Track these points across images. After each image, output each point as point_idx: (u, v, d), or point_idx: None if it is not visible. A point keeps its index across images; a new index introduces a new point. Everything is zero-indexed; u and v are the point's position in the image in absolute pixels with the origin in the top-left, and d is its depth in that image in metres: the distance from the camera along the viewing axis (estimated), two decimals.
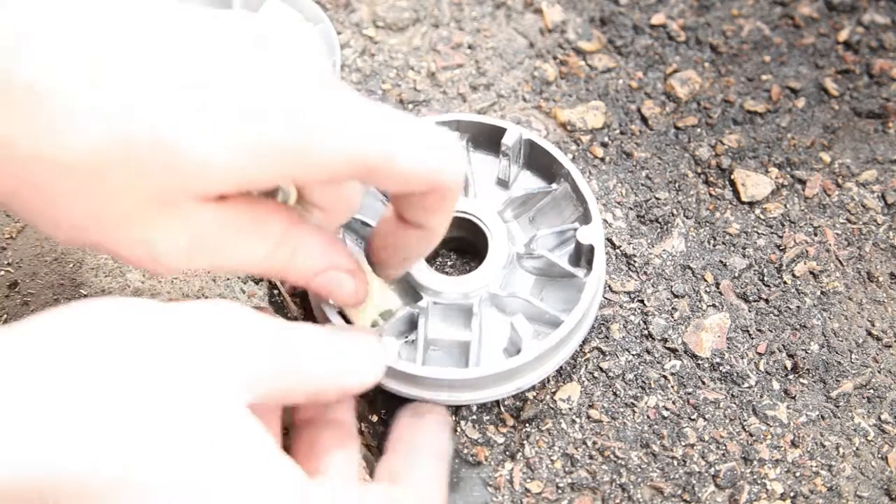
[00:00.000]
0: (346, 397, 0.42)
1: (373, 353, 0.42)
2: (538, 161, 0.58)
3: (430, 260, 0.58)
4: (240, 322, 0.37)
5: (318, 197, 0.44)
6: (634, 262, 0.59)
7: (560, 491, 0.52)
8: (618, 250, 0.60)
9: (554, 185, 0.57)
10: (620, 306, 0.58)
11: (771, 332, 0.57)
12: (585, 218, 0.55)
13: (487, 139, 0.58)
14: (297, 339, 0.39)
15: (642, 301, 0.58)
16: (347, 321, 0.50)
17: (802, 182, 0.63)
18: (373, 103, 0.39)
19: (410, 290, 0.54)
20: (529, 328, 0.51)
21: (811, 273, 0.59)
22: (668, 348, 0.56)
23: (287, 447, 0.41)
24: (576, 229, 0.54)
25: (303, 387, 0.38)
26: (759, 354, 0.56)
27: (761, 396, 0.55)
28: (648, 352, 0.56)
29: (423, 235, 0.45)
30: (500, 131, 0.57)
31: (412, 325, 0.54)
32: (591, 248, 0.53)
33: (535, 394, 0.55)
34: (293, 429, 0.44)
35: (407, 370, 0.50)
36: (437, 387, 0.51)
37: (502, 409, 0.54)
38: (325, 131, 0.36)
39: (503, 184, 0.59)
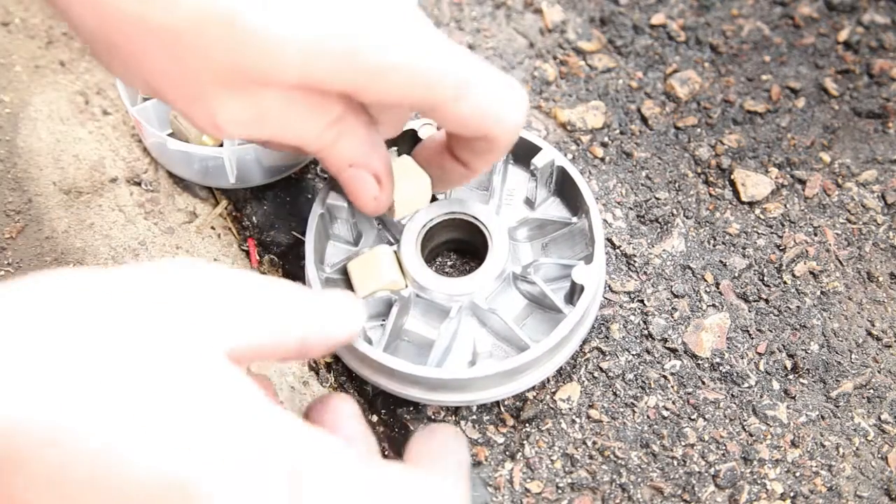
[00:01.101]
0: (334, 348, 0.39)
1: (352, 303, 0.40)
2: (567, 191, 0.57)
3: (431, 259, 0.58)
4: (216, 275, 0.35)
5: (372, 109, 0.45)
6: (634, 262, 0.59)
7: (560, 491, 0.52)
8: (618, 250, 0.60)
9: (575, 219, 0.56)
10: (620, 306, 0.58)
11: (771, 332, 0.57)
12: (590, 259, 0.54)
13: (526, 156, 0.57)
14: (276, 289, 0.37)
15: (642, 301, 0.58)
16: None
17: (802, 182, 0.63)
18: (450, 43, 0.40)
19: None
20: (488, 346, 0.51)
21: (811, 273, 0.59)
22: (668, 348, 0.56)
23: None
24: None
25: (288, 337, 0.36)
26: (759, 354, 0.56)
27: (761, 396, 0.55)
28: (648, 352, 0.56)
29: (463, 171, 0.48)
30: (536, 150, 0.56)
31: (390, 309, 0.54)
32: (582, 288, 0.52)
33: (535, 394, 0.55)
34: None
35: (408, 370, 0.50)
36: (437, 387, 0.51)
37: (502, 409, 0.54)
38: (402, 59, 0.38)
39: (530, 203, 0.58)
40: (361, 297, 0.53)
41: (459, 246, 0.59)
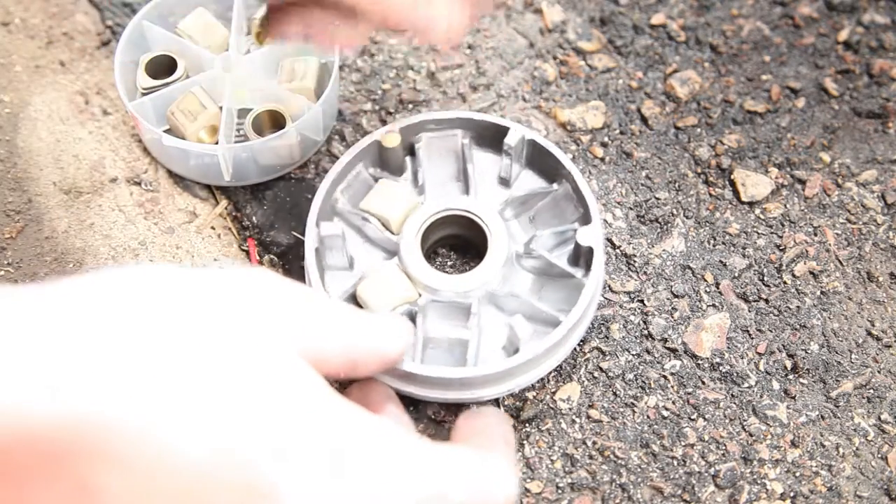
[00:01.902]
0: (383, 366, 0.41)
1: (401, 323, 0.42)
2: (540, 161, 0.58)
3: (430, 259, 0.58)
4: (284, 286, 0.37)
5: None
6: (634, 262, 0.59)
7: (560, 491, 0.52)
8: (618, 250, 0.60)
9: (555, 186, 0.57)
10: (620, 306, 0.58)
11: (771, 332, 0.57)
12: (585, 219, 0.55)
13: (491, 138, 0.58)
14: (336, 304, 0.38)
15: (642, 301, 0.58)
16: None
17: (802, 182, 0.63)
18: None
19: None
20: (529, 328, 0.51)
21: (811, 273, 0.59)
22: (668, 348, 0.56)
23: None
24: (575, 230, 0.54)
25: (345, 350, 0.38)
26: (759, 354, 0.56)
27: (761, 396, 0.55)
28: (648, 352, 0.56)
29: None
30: (503, 130, 0.57)
31: (412, 322, 0.54)
32: (590, 250, 0.53)
33: (535, 394, 0.54)
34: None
35: (412, 370, 0.50)
36: (442, 385, 0.51)
37: (502, 408, 0.54)
38: None
39: (505, 182, 0.59)
40: None
41: (452, 241, 0.59)
